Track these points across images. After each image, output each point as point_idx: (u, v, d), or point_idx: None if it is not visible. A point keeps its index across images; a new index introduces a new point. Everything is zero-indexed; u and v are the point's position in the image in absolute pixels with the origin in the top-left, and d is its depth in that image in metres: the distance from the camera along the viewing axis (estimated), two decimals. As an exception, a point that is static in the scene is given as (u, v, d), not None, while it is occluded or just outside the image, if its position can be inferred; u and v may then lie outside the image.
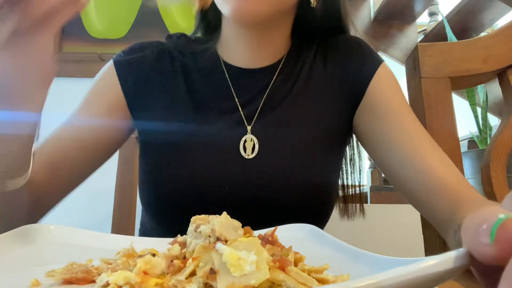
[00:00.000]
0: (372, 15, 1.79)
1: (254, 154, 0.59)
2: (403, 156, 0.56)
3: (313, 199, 0.60)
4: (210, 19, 0.69)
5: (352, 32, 0.70)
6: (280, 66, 0.65)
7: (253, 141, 0.60)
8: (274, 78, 0.64)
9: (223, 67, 0.65)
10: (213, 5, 0.60)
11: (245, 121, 0.62)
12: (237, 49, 0.65)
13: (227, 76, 0.64)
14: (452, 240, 0.49)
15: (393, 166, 0.58)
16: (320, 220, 0.62)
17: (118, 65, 0.64)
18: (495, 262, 0.17)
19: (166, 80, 0.64)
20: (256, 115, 0.62)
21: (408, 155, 0.56)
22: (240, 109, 0.62)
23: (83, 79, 1.56)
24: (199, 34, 0.72)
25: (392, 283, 0.18)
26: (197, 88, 0.64)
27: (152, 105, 0.63)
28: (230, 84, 0.64)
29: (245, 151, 0.59)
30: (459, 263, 0.19)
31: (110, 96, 0.63)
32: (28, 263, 0.33)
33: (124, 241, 0.42)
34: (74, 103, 0.63)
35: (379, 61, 0.64)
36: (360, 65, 0.64)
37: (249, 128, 0.61)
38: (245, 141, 0.60)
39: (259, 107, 0.62)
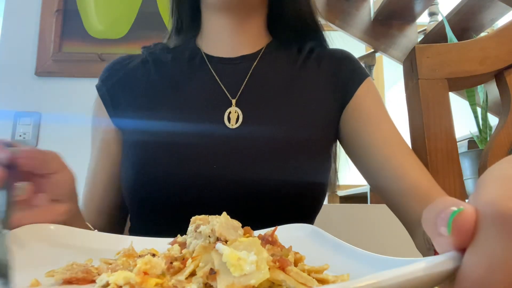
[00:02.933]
0: (372, 15, 1.79)
1: (238, 124, 0.62)
2: (381, 160, 0.60)
3: (299, 167, 0.60)
4: (187, 12, 0.73)
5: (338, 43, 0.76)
6: (260, 55, 0.70)
7: (237, 112, 0.63)
8: (255, 64, 0.68)
9: (204, 56, 0.69)
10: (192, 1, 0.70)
11: (229, 96, 0.65)
12: (217, 39, 0.70)
13: (208, 63, 0.68)
14: (421, 240, 0.53)
15: (371, 169, 0.62)
16: (311, 193, 0.62)
17: (99, 90, 0.69)
18: (453, 250, 0.19)
19: (141, 81, 0.68)
20: (240, 91, 0.65)
21: (385, 159, 0.60)
22: (223, 87, 0.65)
23: (83, 79, 1.56)
24: (173, 38, 0.76)
25: (392, 283, 0.18)
26: (173, 75, 0.67)
27: (131, 108, 0.66)
28: (212, 69, 0.67)
29: (229, 121, 0.62)
30: (458, 263, 0.19)
31: (105, 131, 0.69)
32: (28, 263, 0.33)
33: (124, 241, 0.42)
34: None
35: (367, 74, 0.69)
36: (352, 71, 0.68)
37: (233, 101, 0.64)
38: (230, 112, 0.63)
39: (243, 85, 0.65)
